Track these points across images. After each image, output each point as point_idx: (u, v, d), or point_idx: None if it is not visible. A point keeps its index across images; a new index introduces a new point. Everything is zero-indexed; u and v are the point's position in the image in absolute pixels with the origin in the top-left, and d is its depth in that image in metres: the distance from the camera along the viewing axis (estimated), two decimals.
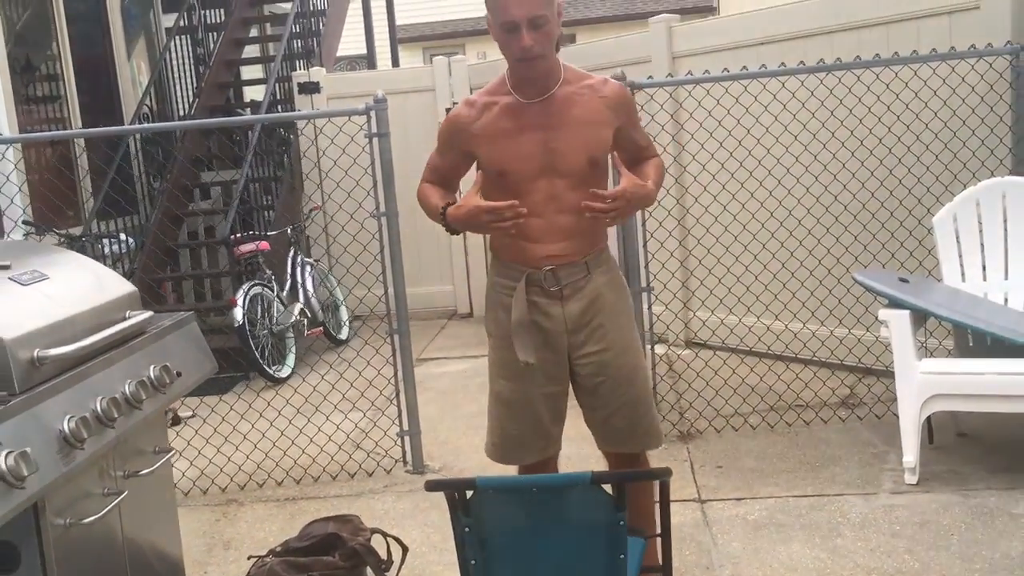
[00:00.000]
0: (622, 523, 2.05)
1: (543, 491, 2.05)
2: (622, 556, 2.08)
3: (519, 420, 2.75)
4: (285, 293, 6.72)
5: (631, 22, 19.42)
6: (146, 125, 7.49)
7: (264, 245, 6.60)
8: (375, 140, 4.22)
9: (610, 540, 2.06)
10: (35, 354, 2.24)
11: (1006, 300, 4.10)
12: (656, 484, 2.26)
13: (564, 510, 2.06)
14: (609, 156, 2.72)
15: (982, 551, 3.20)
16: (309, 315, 6.76)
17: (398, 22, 12.34)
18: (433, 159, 2.84)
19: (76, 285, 2.61)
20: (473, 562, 2.11)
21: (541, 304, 2.68)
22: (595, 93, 2.65)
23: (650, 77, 5.03)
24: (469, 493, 2.07)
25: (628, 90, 2.84)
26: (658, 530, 2.29)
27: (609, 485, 2.05)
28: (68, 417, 2.21)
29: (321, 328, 6.88)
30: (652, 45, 5.92)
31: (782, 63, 4.63)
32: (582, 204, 2.49)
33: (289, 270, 6.89)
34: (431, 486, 2.14)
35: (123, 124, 7.72)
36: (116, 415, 2.37)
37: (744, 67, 4.63)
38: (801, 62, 4.65)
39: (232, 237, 6.61)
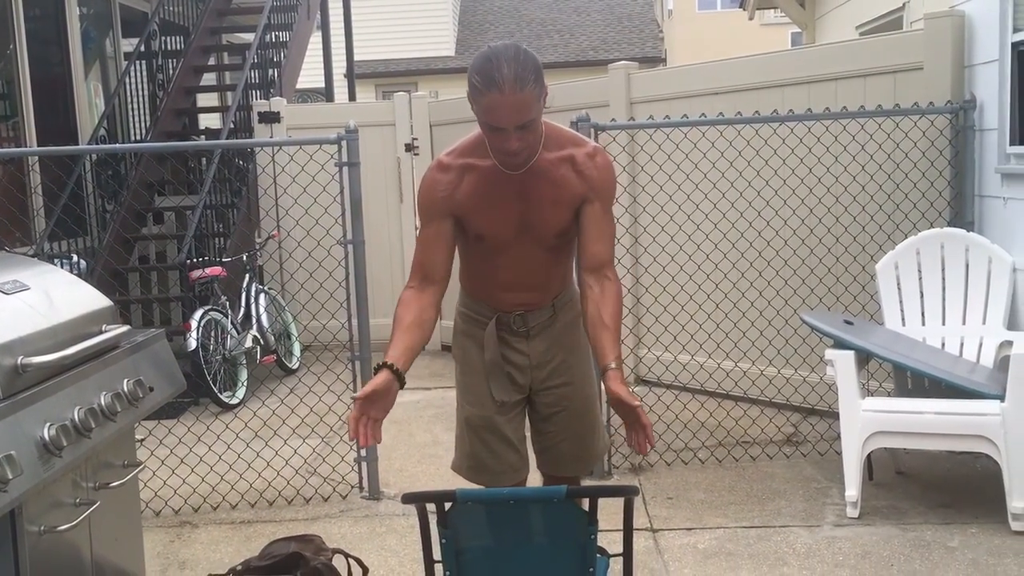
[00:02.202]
0: (593, 537, 2.14)
1: (519, 504, 2.14)
2: (591, 569, 2.18)
3: (488, 445, 2.80)
4: (239, 320, 6.71)
5: (582, 68, 19.86)
6: (115, 146, 7.47)
7: (220, 271, 6.60)
8: (345, 169, 4.30)
9: (581, 553, 2.15)
10: (18, 361, 2.27)
11: (943, 344, 4.31)
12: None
13: (538, 523, 2.15)
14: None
15: None
16: (262, 342, 6.76)
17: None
18: (419, 249, 2.63)
19: (55, 297, 2.64)
20: (448, 573, 2.19)
21: (508, 340, 2.76)
22: (573, 167, 2.55)
23: (613, 120, 5.22)
24: (447, 506, 2.15)
25: (612, 173, 2.62)
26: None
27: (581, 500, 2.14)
28: (48, 424, 2.25)
29: (274, 356, 6.88)
30: (611, 90, 6.11)
31: (738, 112, 4.84)
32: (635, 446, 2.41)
33: (243, 297, 6.88)
34: (409, 498, 2.21)
35: (79, 146, 7.68)
36: (93, 425, 2.40)
37: (703, 114, 4.82)
38: (756, 112, 4.87)
39: (187, 262, 6.61)
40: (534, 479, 2.95)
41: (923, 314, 4.40)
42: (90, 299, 2.78)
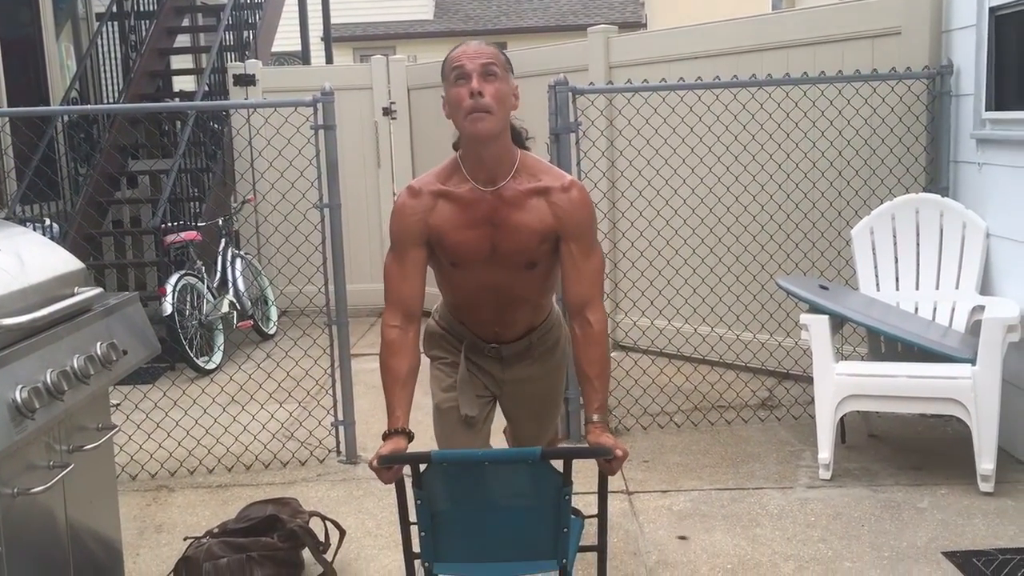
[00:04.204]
0: (567, 497, 2.16)
1: (494, 465, 2.14)
2: (565, 530, 2.19)
3: (456, 432, 2.81)
4: (215, 285, 6.67)
5: (562, 33, 19.72)
6: (87, 107, 7.35)
7: (195, 235, 6.55)
8: (321, 132, 4.26)
9: (555, 513, 2.17)
10: None
11: (916, 309, 4.35)
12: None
13: (513, 484, 2.16)
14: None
15: (890, 541, 3.40)
16: (239, 307, 6.73)
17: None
18: (395, 281, 2.54)
19: (26, 259, 2.60)
20: (423, 534, 2.20)
21: (484, 354, 2.79)
22: (546, 199, 2.49)
23: (590, 84, 5.19)
24: (422, 467, 2.15)
25: (587, 207, 2.53)
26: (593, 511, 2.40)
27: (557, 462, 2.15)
28: (20, 387, 2.23)
29: (250, 321, 6.85)
30: (590, 54, 6.08)
31: (716, 77, 4.82)
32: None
33: (219, 262, 6.84)
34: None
35: (51, 107, 7.56)
36: (65, 388, 2.38)
37: (682, 78, 4.80)
38: (733, 76, 4.86)
39: (162, 227, 6.55)
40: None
41: (897, 279, 4.43)
42: (62, 262, 2.75)
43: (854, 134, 4.84)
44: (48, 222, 6.66)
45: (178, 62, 9.73)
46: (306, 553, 3.26)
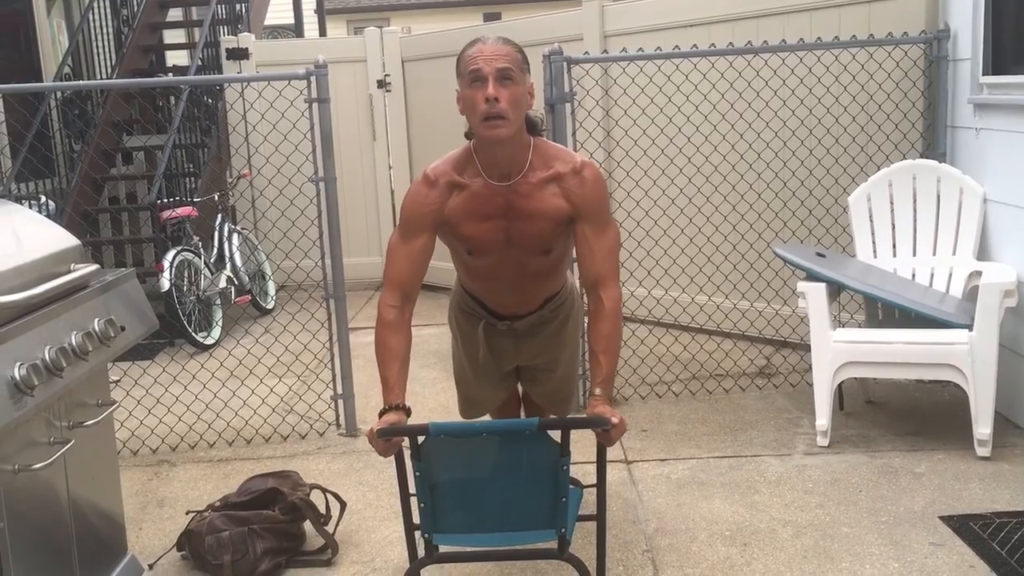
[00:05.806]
0: (566, 468, 2.17)
1: (492, 436, 2.16)
2: (564, 499, 2.21)
3: (480, 387, 3.11)
4: (212, 260, 6.67)
5: (557, 2, 19.53)
6: (80, 82, 7.30)
7: (191, 211, 6.53)
8: (315, 106, 4.24)
9: (554, 484, 2.18)
10: None
11: (913, 275, 4.35)
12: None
13: (511, 455, 2.18)
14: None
15: (887, 506, 3.42)
16: (236, 283, 6.73)
17: None
18: (398, 262, 2.59)
19: (21, 236, 2.60)
20: (422, 505, 2.21)
21: (497, 330, 2.93)
22: (559, 184, 2.55)
23: (585, 53, 5.16)
24: (421, 439, 2.17)
25: (601, 185, 2.59)
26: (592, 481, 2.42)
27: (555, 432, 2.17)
28: (18, 364, 2.23)
29: (248, 296, 6.86)
30: (584, 23, 6.03)
31: (712, 44, 4.79)
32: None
33: (216, 237, 6.83)
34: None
35: (44, 83, 7.51)
36: (64, 364, 2.39)
37: (677, 46, 4.77)
38: (730, 44, 4.83)
39: (158, 203, 6.53)
40: None
41: (894, 245, 4.43)
42: (57, 238, 2.74)
43: (851, 100, 4.81)
44: (44, 199, 6.65)
45: (171, 36, 9.67)
46: (307, 525, 3.29)
